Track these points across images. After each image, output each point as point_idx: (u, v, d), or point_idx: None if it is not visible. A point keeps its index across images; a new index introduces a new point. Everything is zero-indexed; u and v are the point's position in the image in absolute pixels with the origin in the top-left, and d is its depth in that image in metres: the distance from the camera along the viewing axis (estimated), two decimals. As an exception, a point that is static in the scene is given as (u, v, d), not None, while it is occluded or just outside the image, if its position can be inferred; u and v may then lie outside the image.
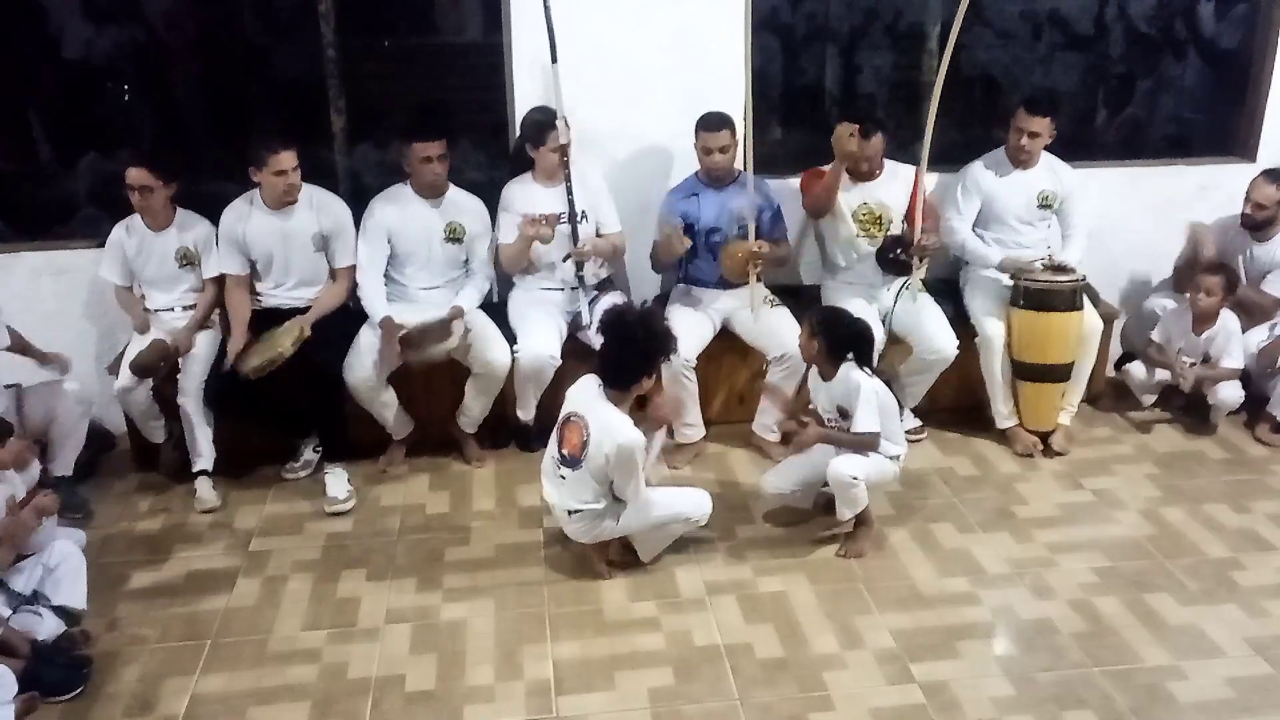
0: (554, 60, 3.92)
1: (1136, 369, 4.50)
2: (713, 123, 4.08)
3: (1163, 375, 4.44)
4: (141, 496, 4.03)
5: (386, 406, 4.06)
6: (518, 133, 4.22)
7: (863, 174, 4.20)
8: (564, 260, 4.15)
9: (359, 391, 3.95)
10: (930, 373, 4.21)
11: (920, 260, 4.15)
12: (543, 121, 4.05)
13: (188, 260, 4.05)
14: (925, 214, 4.23)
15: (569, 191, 4.05)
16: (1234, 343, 4.30)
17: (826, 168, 4.22)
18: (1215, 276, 4.26)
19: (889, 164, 4.22)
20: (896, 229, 4.18)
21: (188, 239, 4.04)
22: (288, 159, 3.88)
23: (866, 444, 3.44)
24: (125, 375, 3.87)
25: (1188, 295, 4.36)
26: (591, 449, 3.21)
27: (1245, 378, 4.35)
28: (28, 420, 3.71)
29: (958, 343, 4.14)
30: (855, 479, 3.39)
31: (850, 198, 4.19)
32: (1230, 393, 4.29)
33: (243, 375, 3.76)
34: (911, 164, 4.19)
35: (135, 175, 3.86)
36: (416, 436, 4.22)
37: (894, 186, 4.19)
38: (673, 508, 3.41)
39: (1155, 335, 4.46)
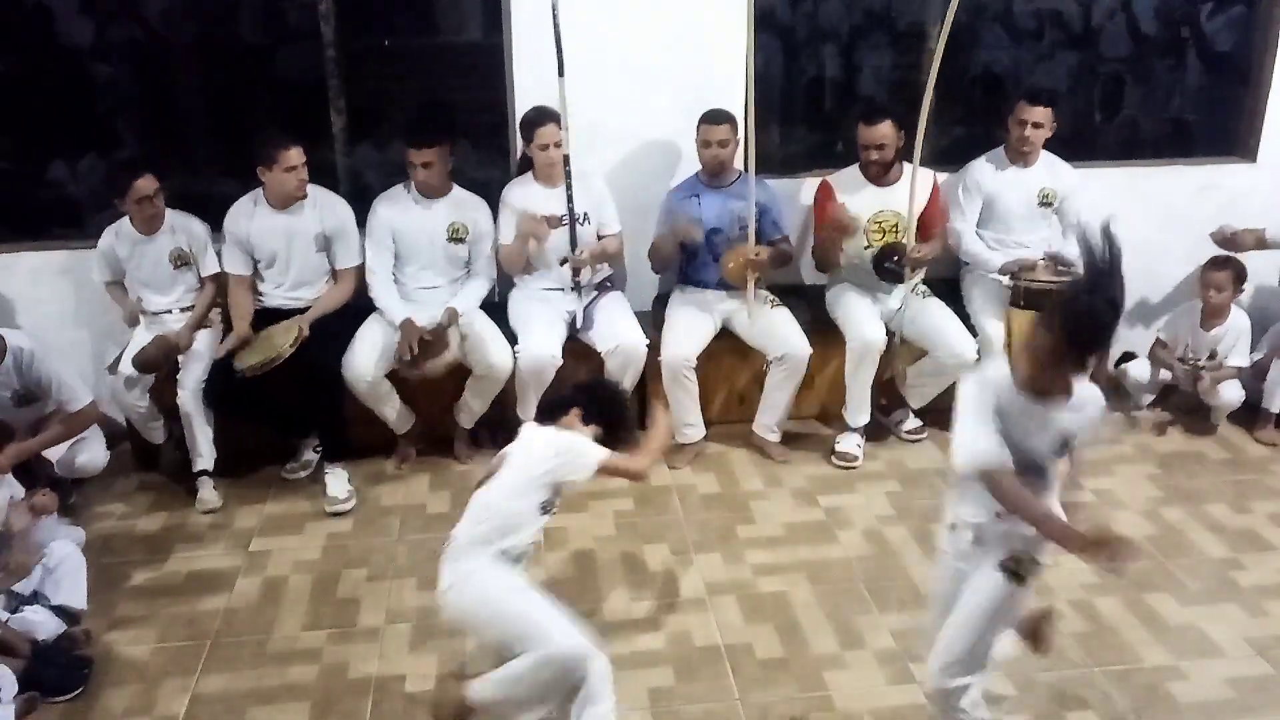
0: (560, 74, 3.92)
1: (1136, 369, 4.50)
2: (713, 116, 4.09)
3: (1164, 375, 4.45)
4: (141, 496, 4.03)
5: (387, 403, 4.06)
6: (518, 133, 4.22)
7: (880, 177, 4.17)
8: (561, 264, 4.16)
9: (359, 388, 3.94)
10: (947, 376, 4.19)
11: (912, 270, 4.14)
12: (532, 119, 4.05)
13: (183, 261, 4.05)
14: (938, 221, 4.22)
15: (569, 200, 4.05)
16: (1243, 341, 4.30)
17: (833, 177, 4.21)
18: (1223, 272, 4.26)
19: (909, 168, 4.13)
20: (913, 236, 4.15)
21: (181, 240, 4.03)
22: (296, 155, 3.90)
23: None
24: (126, 367, 3.87)
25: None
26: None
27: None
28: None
29: (977, 346, 4.14)
30: None
31: (868, 203, 4.17)
32: (1232, 393, 4.30)
33: (240, 373, 3.76)
34: (920, 166, 4.12)
35: (146, 184, 3.86)
36: (419, 431, 4.22)
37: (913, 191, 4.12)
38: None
39: (1161, 333, 4.46)
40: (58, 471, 3.70)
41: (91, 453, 3.78)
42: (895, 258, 4.10)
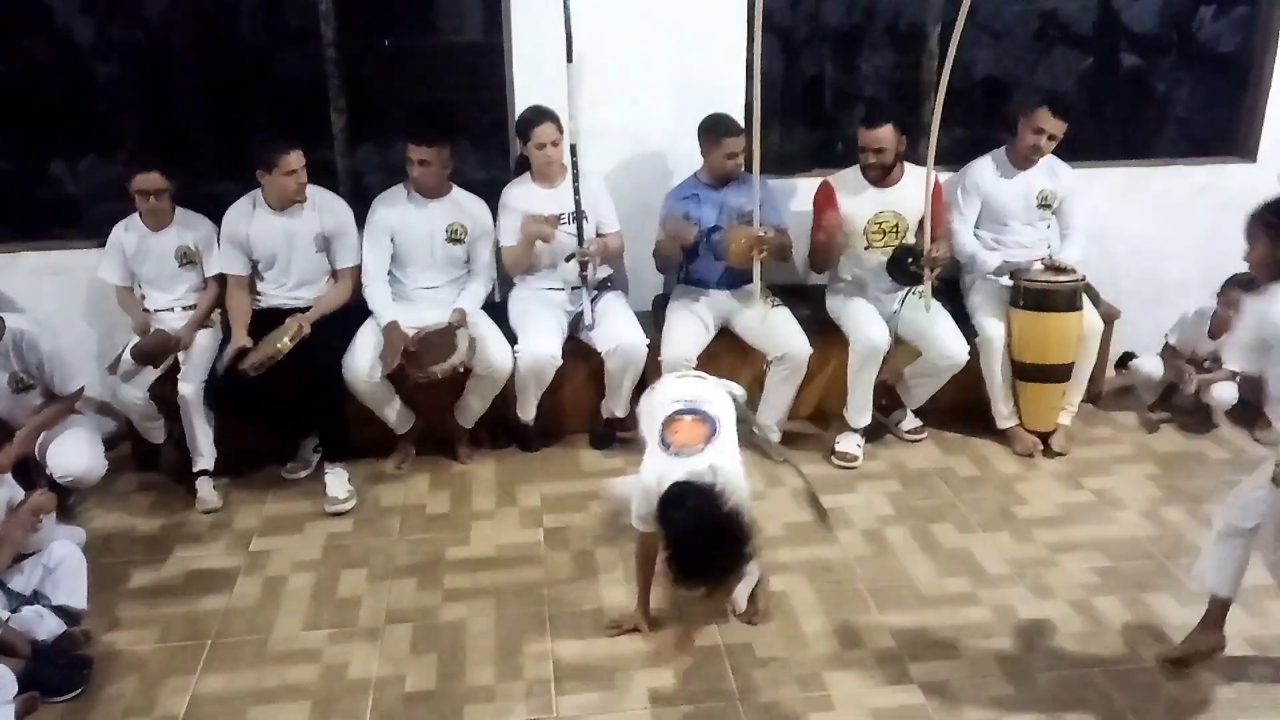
0: (569, 59, 3.92)
1: (1148, 364, 4.50)
2: (732, 127, 4.07)
3: (1168, 374, 4.47)
4: (141, 496, 4.04)
5: (388, 403, 4.06)
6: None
7: (880, 179, 4.15)
8: (567, 260, 4.15)
9: (359, 389, 3.94)
10: (939, 377, 4.20)
11: (932, 271, 4.13)
12: (529, 119, 4.05)
13: (188, 259, 4.06)
14: (939, 220, 4.22)
15: (576, 191, 4.05)
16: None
17: (834, 178, 4.21)
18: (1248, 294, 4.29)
19: (910, 168, 4.15)
20: (911, 238, 4.15)
21: (188, 238, 4.05)
22: (296, 159, 3.90)
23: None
24: (126, 360, 3.87)
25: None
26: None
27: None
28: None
29: (969, 349, 4.13)
30: None
31: (868, 204, 4.16)
32: (1226, 392, 4.32)
33: (242, 371, 3.76)
34: (921, 165, 4.11)
35: (147, 180, 3.88)
36: (419, 431, 4.22)
37: (914, 192, 4.12)
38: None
39: (1171, 337, 4.48)
40: (56, 481, 3.68)
41: (90, 463, 3.72)
42: (911, 259, 4.10)
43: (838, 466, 4.15)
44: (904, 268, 4.12)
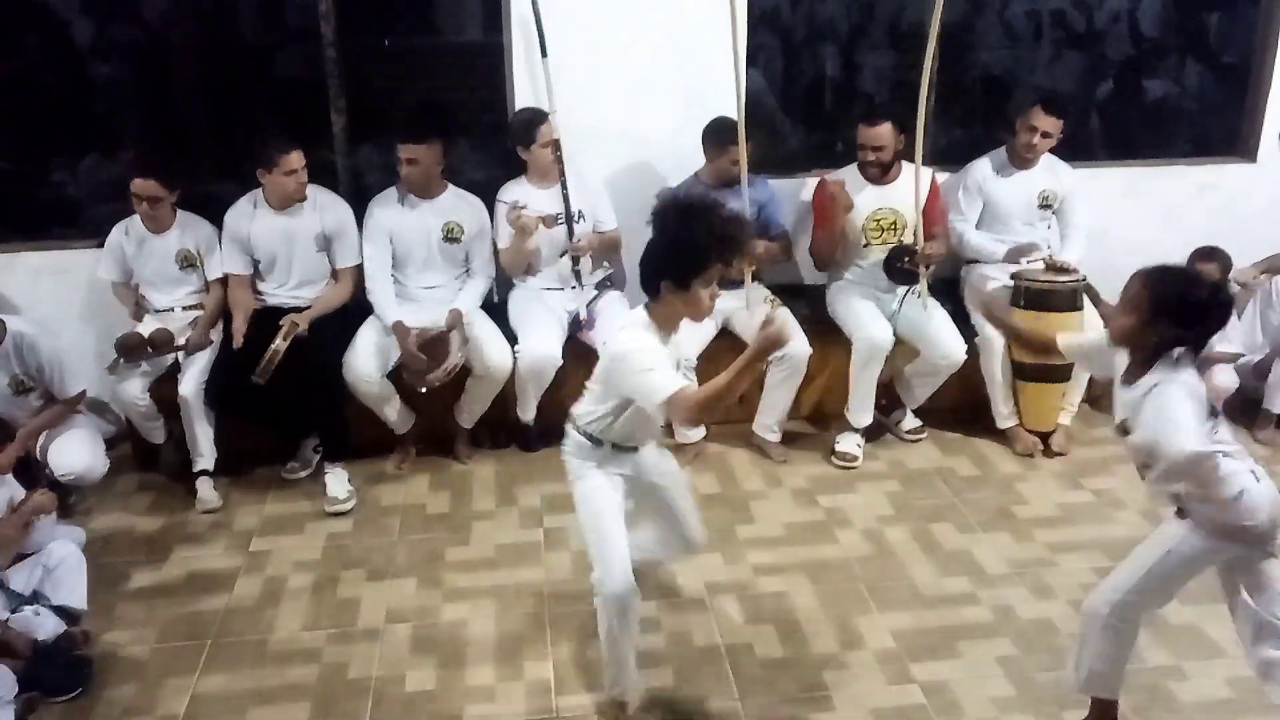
0: (544, 54, 3.93)
1: None
2: (738, 134, 4.07)
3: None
4: (141, 496, 4.04)
5: (388, 403, 4.06)
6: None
7: (879, 177, 4.16)
8: (561, 255, 4.16)
9: (359, 389, 3.95)
10: (938, 376, 4.20)
11: (927, 268, 4.14)
12: (530, 120, 4.05)
13: (189, 262, 4.06)
14: (938, 219, 4.22)
15: (564, 187, 4.05)
16: (1233, 329, 4.31)
17: (834, 176, 4.21)
18: (1210, 264, 4.29)
19: (908, 167, 4.15)
20: (909, 235, 4.16)
21: (189, 241, 4.05)
22: (297, 159, 3.90)
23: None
24: (126, 365, 3.90)
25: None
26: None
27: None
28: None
29: (966, 347, 4.13)
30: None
31: (866, 202, 4.16)
32: (1225, 378, 4.31)
33: (254, 381, 3.75)
34: (920, 165, 4.11)
35: (143, 186, 3.87)
36: (419, 431, 4.22)
37: (911, 190, 4.11)
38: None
39: None
40: (58, 479, 3.68)
41: (92, 461, 3.74)
42: (907, 258, 4.10)
43: (838, 466, 4.15)
44: (899, 266, 4.12)
